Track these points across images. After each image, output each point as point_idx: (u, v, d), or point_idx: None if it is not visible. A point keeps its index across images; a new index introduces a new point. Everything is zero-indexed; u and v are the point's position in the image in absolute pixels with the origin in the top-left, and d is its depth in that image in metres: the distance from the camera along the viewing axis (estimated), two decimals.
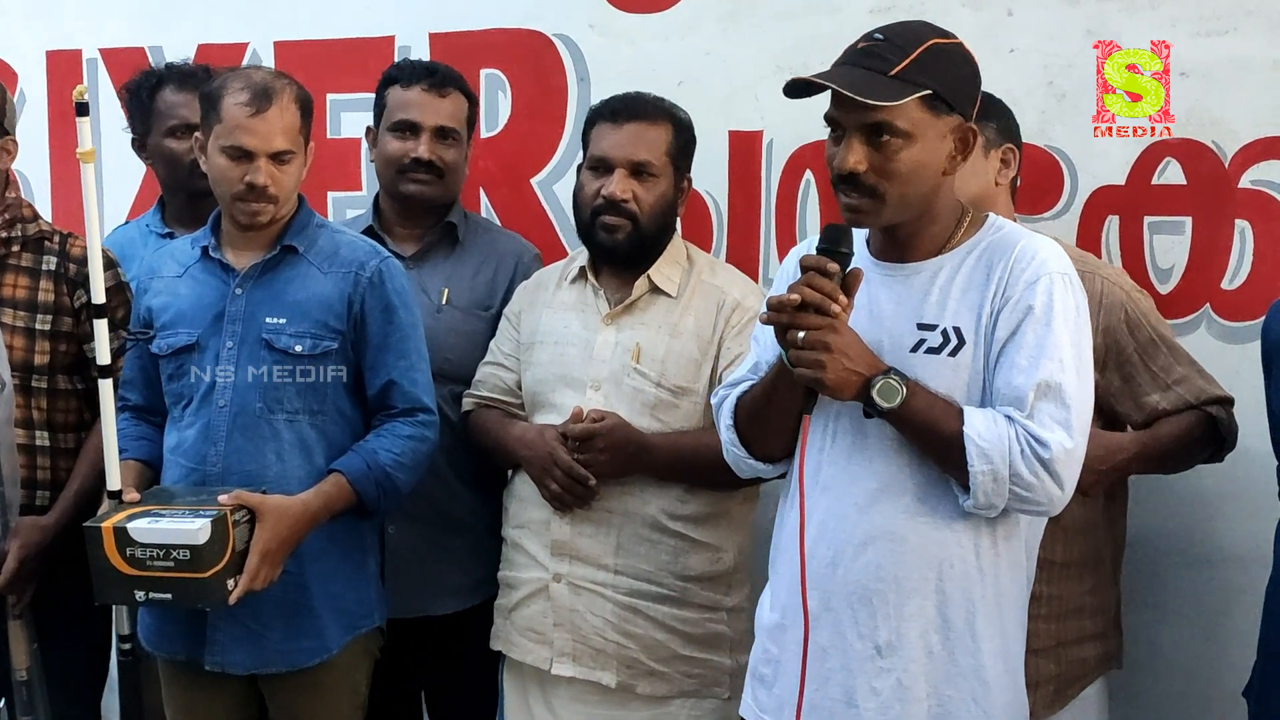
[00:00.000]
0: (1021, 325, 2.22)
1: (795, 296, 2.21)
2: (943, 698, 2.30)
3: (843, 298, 2.21)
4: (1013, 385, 2.21)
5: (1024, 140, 2.99)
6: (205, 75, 3.00)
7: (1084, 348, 2.27)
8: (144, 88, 3.52)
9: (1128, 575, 3.06)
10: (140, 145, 3.59)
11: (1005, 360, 2.24)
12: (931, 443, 2.25)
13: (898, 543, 2.29)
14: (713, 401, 2.62)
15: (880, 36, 2.25)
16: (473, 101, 3.39)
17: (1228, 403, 2.86)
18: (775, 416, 2.43)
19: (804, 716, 2.34)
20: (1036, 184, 3.19)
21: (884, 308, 2.33)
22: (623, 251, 2.97)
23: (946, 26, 2.36)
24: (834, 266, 2.22)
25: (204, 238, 2.96)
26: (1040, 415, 2.19)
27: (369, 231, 3.31)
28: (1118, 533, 2.97)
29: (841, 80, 2.20)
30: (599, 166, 2.98)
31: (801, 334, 2.20)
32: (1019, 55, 3.22)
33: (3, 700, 3.24)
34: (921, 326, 2.29)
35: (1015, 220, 2.78)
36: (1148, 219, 3.18)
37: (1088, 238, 3.20)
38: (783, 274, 2.56)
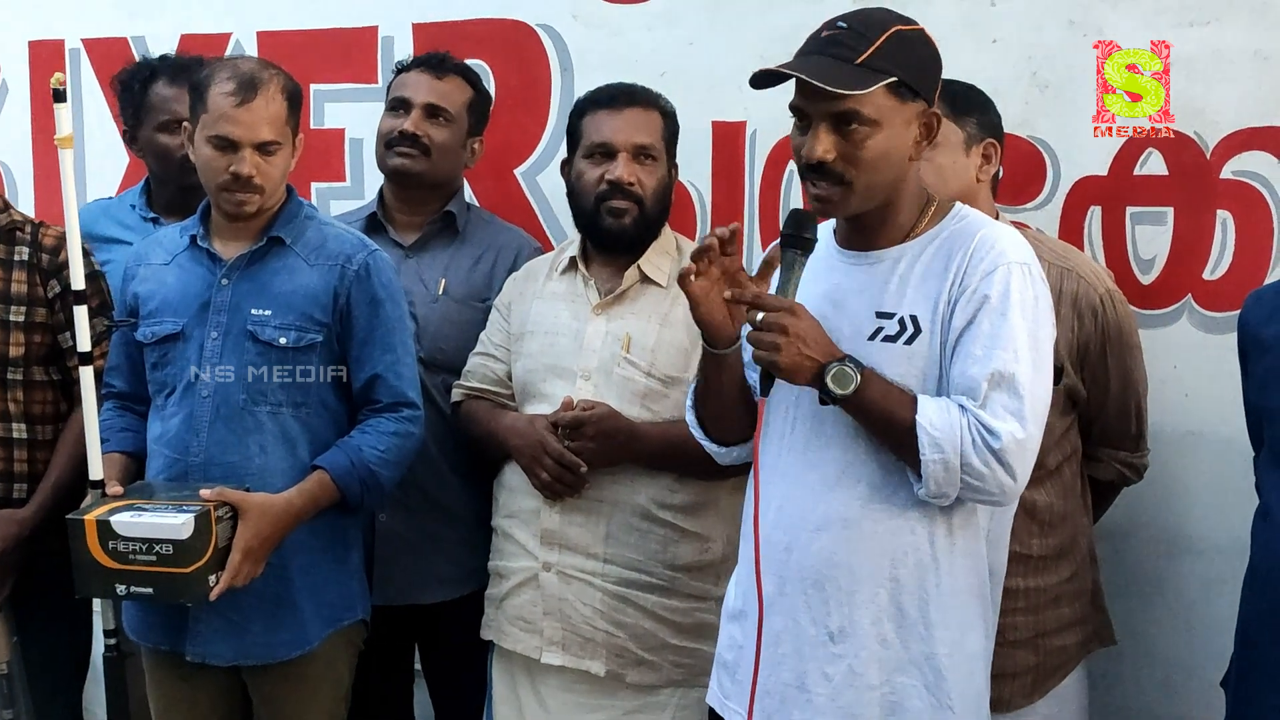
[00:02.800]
0: (978, 315, 2.23)
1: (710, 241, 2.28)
2: (895, 685, 2.30)
3: (718, 237, 2.27)
4: (967, 375, 2.22)
5: (1007, 131, 2.99)
6: (198, 68, 2.99)
7: (1042, 339, 2.26)
8: (136, 80, 3.51)
9: (1108, 564, 3.08)
10: (131, 138, 3.57)
11: (961, 349, 2.24)
12: (885, 431, 2.25)
13: (852, 529, 2.29)
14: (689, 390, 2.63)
15: (844, 25, 2.25)
16: (480, 92, 3.41)
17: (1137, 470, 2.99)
18: (715, 390, 2.45)
19: (757, 701, 2.34)
20: (1019, 175, 3.20)
21: (846, 295, 2.34)
22: (629, 236, 2.99)
23: (928, 16, 2.38)
24: (793, 253, 2.26)
25: (193, 226, 2.95)
26: (993, 405, 2.19)
27: (371, 219, 3.33)
28: (1090, 518, 3.00)
29: (809, 70, 2.20)
30: (601, 152, 2.99)
31: (760, 316, 2.21)
32: (1001, 46, 3.23)
33: None
34: (880, 315, 2.30)
35: (997, 215, 2.79)
36: (1130, 209, 3.20)
37: (1070, 228, 3.22)
38: None
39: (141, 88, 3.49)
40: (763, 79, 2.26)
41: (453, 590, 3.25)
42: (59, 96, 2.86)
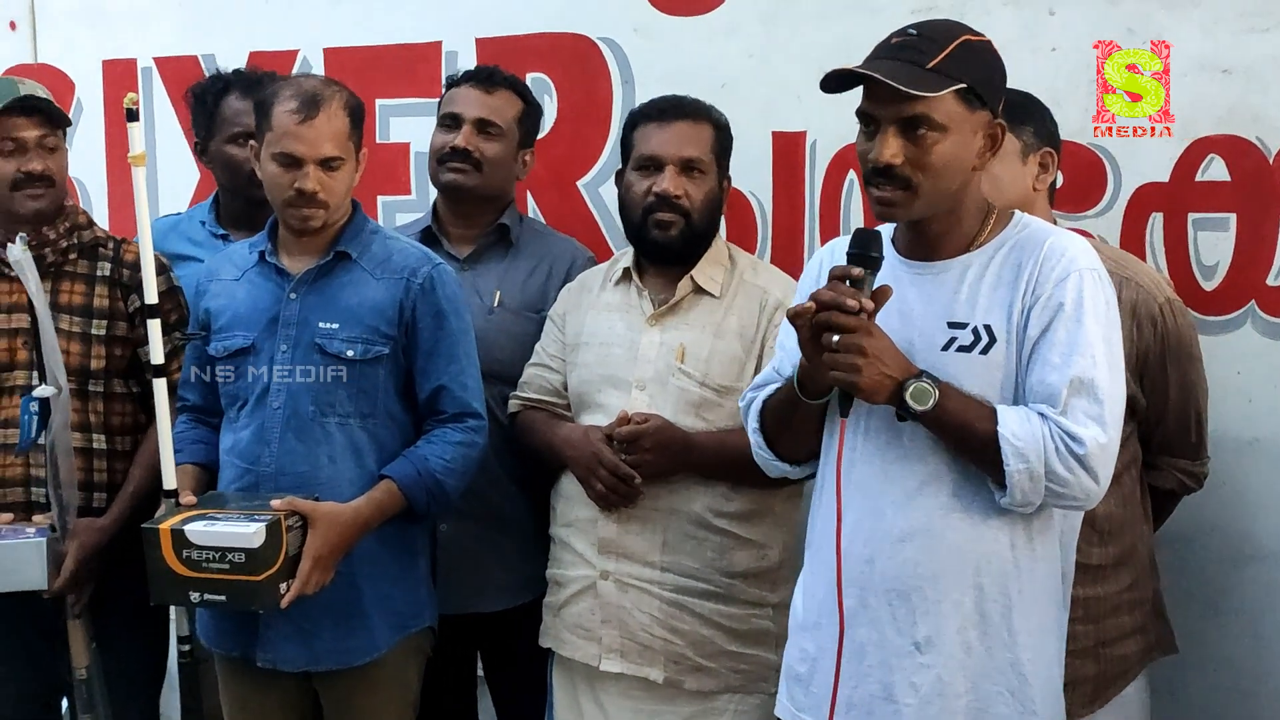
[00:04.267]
0: (1053, 322, 2.24)
1: (812, 305, 2.23)
2: (981, 693, 2.31)
3: (867, 301, 2.22)
4: (1046, 383, 2.23)
5: (1067, 139, 2.99)
6: (269, 82, 3.05)
7: (1115, 342, 2.29)
8: (209, 93, 3.57)
9: (1171, 573, 3.06)
10: (201, 150, 3.63)
11: (1038, 357, 2.25)
12: (966, 443, 2.26)
13: (935, 539, 2.30)
14: (740, 404, 2.64)
15: (914, 31, 2.27)
16: (530, 104, 3.43)
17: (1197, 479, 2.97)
18: (799, 424, 2.46)
19: (840, 713, 2.35)
20: (1079, 182, 3.20)
21: (913, 307, 2.34)
22: (675, 248, 3.01)
23: (988, 25, 2.40)
24: (859, 271, 2.24)
25: (261, 242, 3.01)
26: (1074, 411, 2.20)
27: (426, 233, 3.36)
28: (1150, 526, 2.98)
29: (882, 70, 2.21)
30: (648, 165, 3.02)
31: (836, 338, 2.21)
32: (1060, 54, 3.23)
33: (64, 699, 3.31)
34: (952, 325, 2.31)
35: (1055, 223, 2.79)
36: (1192, 216, 3.19)
37: (1131, 236, 3.21)
38: (806, 277, 2.59)
39: (214, 101, 3.54)
40: (833, 80, 2.28)
41: (512, 598, 3.28)
42: (132, 116, 2.94)
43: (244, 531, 2.64)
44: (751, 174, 3.38)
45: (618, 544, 2.97)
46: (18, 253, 3.03)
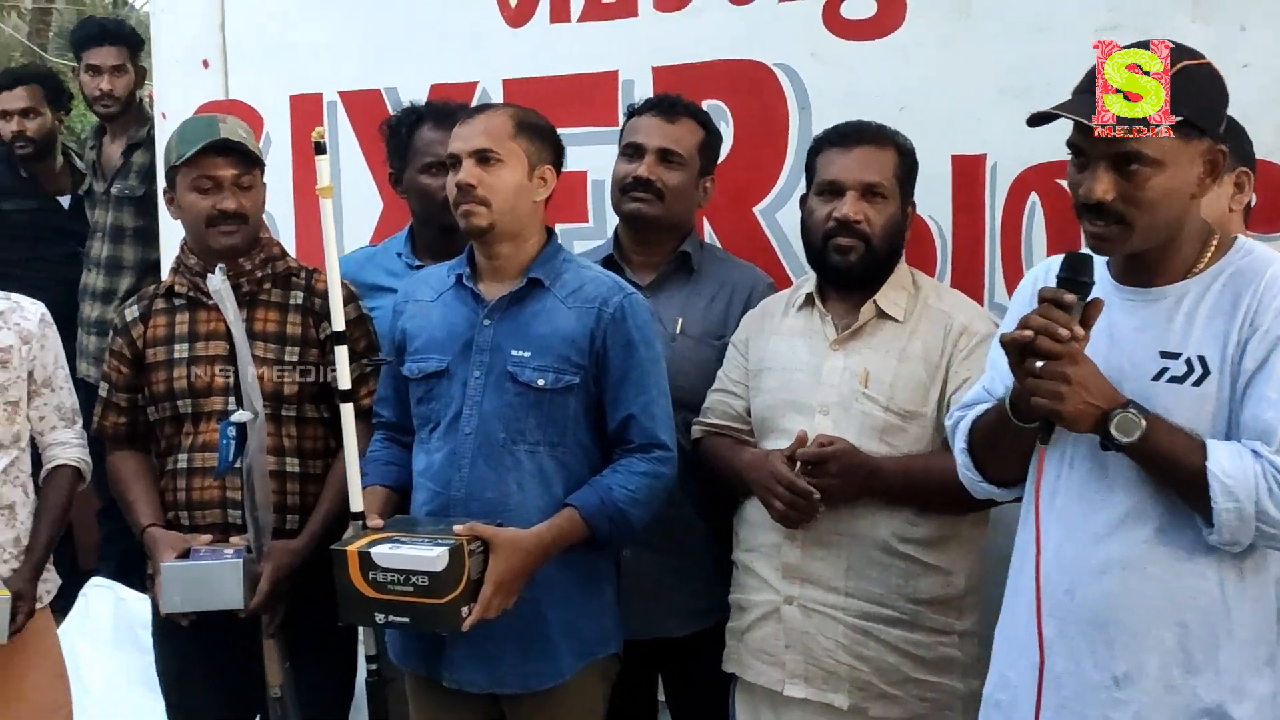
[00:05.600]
0: (1271, 356, 2.17)
1: (1028, 333, 2.19)
2: None
3: (1078, 328, 2.18)
4: (1261, 419, 2.16)
5: (1261, 158, 2.92)
6: (461, 114, 3.13)
7: None
8: (403, 125, 3.66)
9: None
10: (396, 180, 3.71)
11: (1253, 392, 2.18)
12: (1171, 476, 2.20)
13: (1137, 572, 2.25)
14: (946, 424, 2.63)
15: None
16: (711, 132, 3.44)
17: None
18: (1008, 446, 2.41)
19: None
20: (1274, 201, 3.11)
21: (1125, 333, 2.29)
22: (856, 273, 3.00)
23: (1174, 39, 2.33)
24: (1070, 298, 2.20)
25: (459, 266, 3.06)
26: None
27: (608, 260, 3.39)
28: None
29: (1085, 112, 2.16)
30: (830, 190, 3.02)
31: (1040, 364, 2.18)
32: (1252, 71, 3.15)
33: (259, 717, 3.40)
34: (1165, 355, 2.25)
35: None
36: None
37: None
38: (1019, 297, 2.54)
39: (407, 132, 3.62)
40: (1039, 119, 2.24)
41: (694, 623, 3.30)
42: (319, 149, 3.04)
43: (427, 555, 2.69)
44: (930, 198, 3.34)
45: (802, 569, 2.97)
46: (217, 282, 3.13)
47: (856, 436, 2.93)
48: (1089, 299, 2.22)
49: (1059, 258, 2.36)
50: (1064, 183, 3.19)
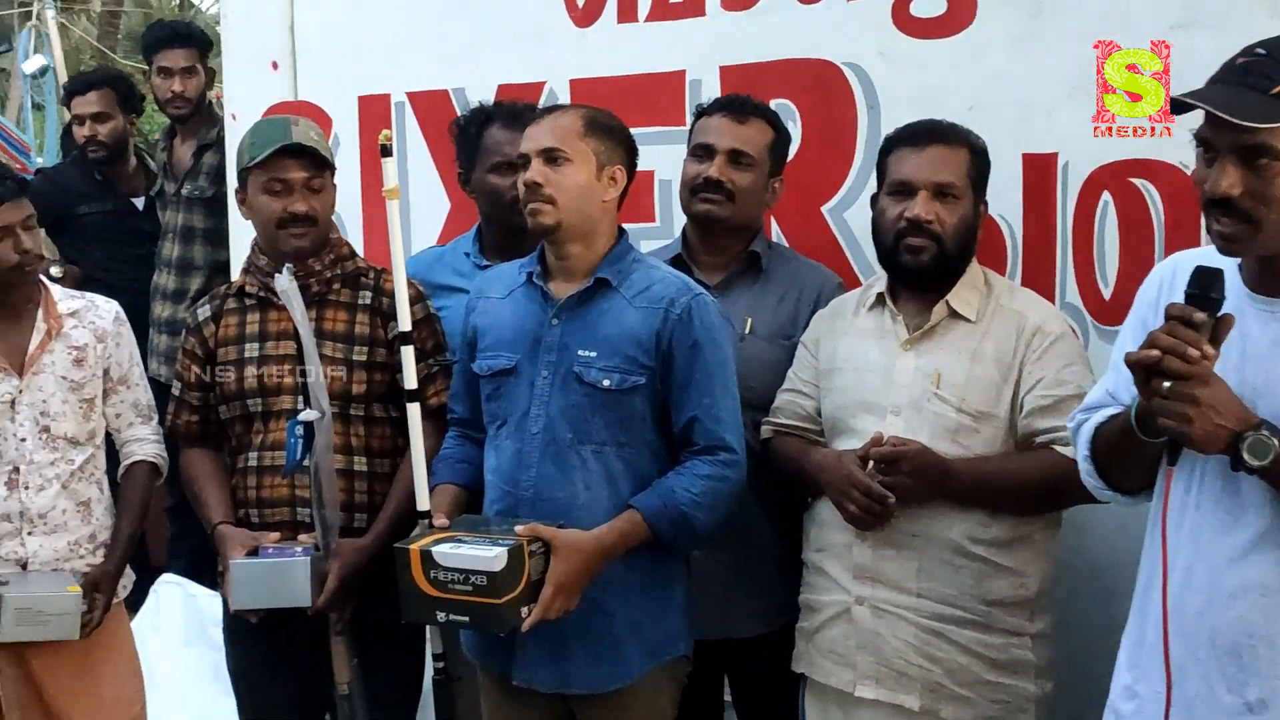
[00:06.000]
0: None
1: (1155, 353, 2.08)
2: None
3: (1209, 348, 2.08)
4: None
5: None
6: (531, 113, 3.13)
7: None
8: (472, 125, 3.67)
9: None
10: (464, 180, 3.72)
11: None
12: None
13: (1272, 597, 2.16)
14: (1068, 425, 2.56)
15: (1262, 51, 2.12)
16: (780, 132, 3.42)
17: None
18: (1134, 457, 2.33)
19: None
20: None
21: (1259, 346, 2.18)
22: (927, 273, 2.98)
23: (1252, 36, 2.26)
24: (1200, 316, 2.09)
25: (531, 264, 3.06)
26: None
27: (676, 260, 3.38)
28: None
29: (1215, 100, 2.09)
30: (901, 190, 3.00)
31: (1167, 384, 2.08)
32: None
33: (327, 715, 3.42)
34: None
35: None
36: None
37: None
38: (1143, 298, 2.44)
39: (476, 132, 3.64)
40: (1176, 106, 2.16)
41: (763, 624, 3.29)
42: (386, 151, 3.08)
43: (486, 555, 2.70)
44: (1001, 197, 3.30)
45: (873, 569, 2.95)
46: (284, 282, 3.16)
47: (928, 438, 2.91)
48: (1219, 315, 2.12)
49: (1182, 256, 2.28)
50: (1137, 181, 3.21)
